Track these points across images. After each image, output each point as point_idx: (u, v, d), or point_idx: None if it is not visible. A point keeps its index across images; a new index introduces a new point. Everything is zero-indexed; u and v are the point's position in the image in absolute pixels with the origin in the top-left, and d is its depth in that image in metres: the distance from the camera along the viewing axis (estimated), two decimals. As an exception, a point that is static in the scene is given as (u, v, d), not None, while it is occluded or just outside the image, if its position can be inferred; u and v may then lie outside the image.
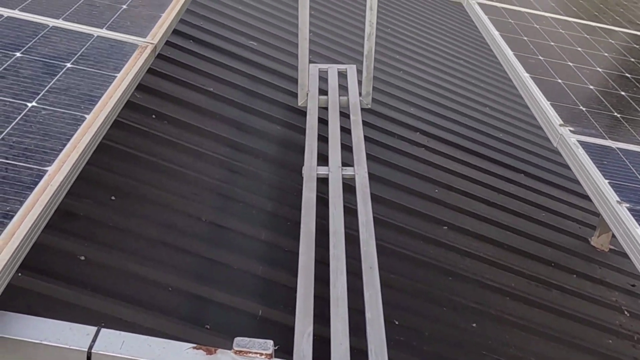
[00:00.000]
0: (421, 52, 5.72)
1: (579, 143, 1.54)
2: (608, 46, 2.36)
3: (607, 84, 1.99)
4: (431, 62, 5.51)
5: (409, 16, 6.60)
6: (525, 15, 2.48)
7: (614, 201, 1.33)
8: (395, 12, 6.49)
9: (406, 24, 6.32)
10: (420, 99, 4.70)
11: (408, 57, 5.45)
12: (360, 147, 2.88)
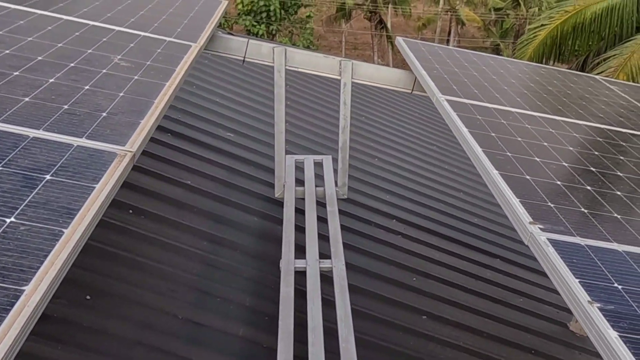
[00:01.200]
0: (396, 139, 5.87)
1: (549, 241, 1.58)
2: (573, 140, 2.46)
3: (573, 178, 2.07)
4: (406, 149, 5.64)
5: (383, 104, 6.80)
6: (492, 111, 2.58)
7: (586, 301, 1.35)
8: (370, 100, 6.69)
9: (382, 112, 6.51)
10: (396, 186, 4.78)
11: (383, 145, 5.58)
12: (337, 239, 2.90)
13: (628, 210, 1.91)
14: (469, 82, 3.00)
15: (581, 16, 13.18)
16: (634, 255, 1.63)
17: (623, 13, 12.88)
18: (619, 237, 1.72)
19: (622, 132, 2.74)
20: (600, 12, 13.02)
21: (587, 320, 1.32)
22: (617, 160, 2.35)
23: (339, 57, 3.32)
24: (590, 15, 13.12)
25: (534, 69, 3.63)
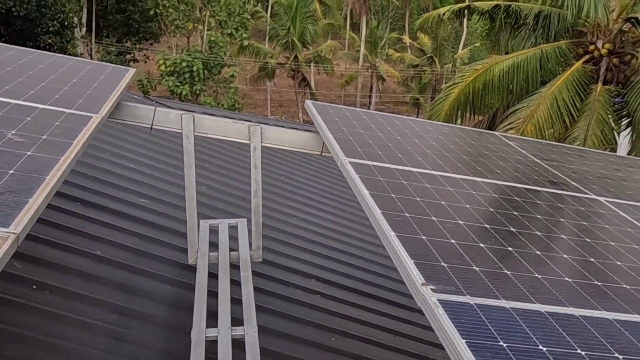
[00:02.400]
0: (316, 197, 5.93)
1: (439, 302, 1.63)
2: (470, 198, 2.56)
3: (467, 236, 2.15)
4: (325, 207, 5.70)
5: (302, 163, 6.88)
6: (394, 171, 2.67)
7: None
8: (287, 159, 6.75)
9: (301, 170, 6.58)
10: (315, 245, 4.80)
11: (303, 203, 5.62)
12: (250, 305, 2.87)
13: (518, 265, 2.00)
14: (374, 143, 3.09)
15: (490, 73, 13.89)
16: (520, 312, 1.69)
17: (528, 69, 13.65)
18: (508, 293, 1.79)
19: (517, 187, 2.88)
20: (507, 69, 13.76)
21: (471, 381, 1.36)
22: (510, 216, 2.46)
23: (247, 122, 3.37)
24: (499, 72, 13.84)
25: (437, 127, 3.79)
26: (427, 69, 31.62)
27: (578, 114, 12.57)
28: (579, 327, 1.68)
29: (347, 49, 36.90)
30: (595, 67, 12.82)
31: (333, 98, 35.86)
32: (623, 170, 3.70)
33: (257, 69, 31.08)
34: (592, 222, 2.61)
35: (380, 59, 32.95)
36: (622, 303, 1.89)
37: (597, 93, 12.38)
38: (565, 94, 12.59)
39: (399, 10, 40.22)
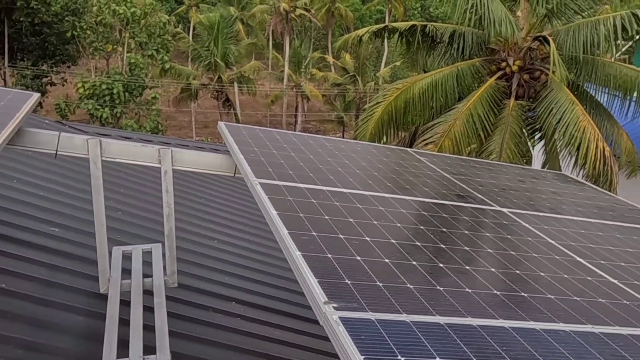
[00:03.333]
0: (236, 218, 5.88)
1: (340, 320, 1.65)
2: (378, 214, 2.61)
3: (373, 253, 2.18)
4: (245, 228, 5.66)
5: (222, 184, 6.82)
6: (304, 191, 2.68)
7: (368, 378, 1.41)
8: (207, 180, 6.68)
9: (220, 192, 6.52)
10: (236, 267, 4.76)
11: (223, 225, 5.56)
12: (163, 332, 2.81)
13: (420, 279, 2.04)
14: (286, 163, 3.10)
15: (411, 92, 14.24)
16: (420, 325, 1.73)
17: (446, 86, 14.08)
18: (409, 307, 1.82)
19: (425, 201, 2.95)
20: (426, 87, 14.15)
21: (368, 397, 1.37)
22: (417, 231, 2.52)
23: (157, 145, 3.32)
24: (418, 90, 14.21)
25: (351, 146, 3.85)
26: (351, 88, 32.14)
27: (493, 128, 13.05)
28: (476, 336, 1.74)
29: (271, 69, 37.04)
30: (507, 83, 13.37)
31: (259, 118, 35.85)
32: (527, 182, 3.86)
33: (180, 90, 30.73)
34: (495, 233, 2.70)
35: (305, 78, 33.26)
36: (518, 311, 1.96)
37: (510, 108, 12.91)
38: (480, 109, 13.06)
39: (322, 30, 40.79)
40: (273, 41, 37.55)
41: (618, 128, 13.44)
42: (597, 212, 3.48)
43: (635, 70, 13.11)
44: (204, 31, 30.32)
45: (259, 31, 37.32)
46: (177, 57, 35.26)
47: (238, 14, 37.34)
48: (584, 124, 11.48)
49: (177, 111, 34.62)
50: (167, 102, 32.48)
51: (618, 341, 1.89)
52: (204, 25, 29.90)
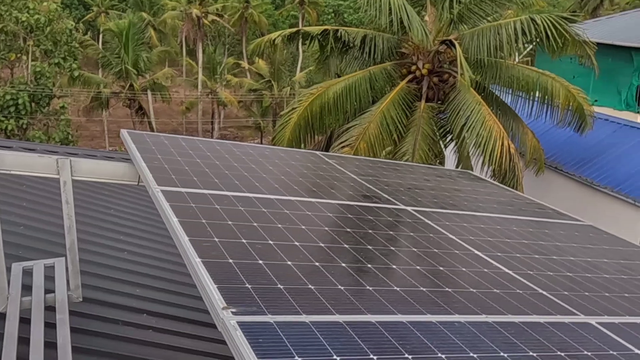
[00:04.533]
0: (148, 228, 5.74)
1: (238, 324, 1.63)
2: (283, 217, 2.61)
3: (275, 255, 2.18)
4: (156, 237, 5.53)
5: (131, 194, 6.64)
6: (208, 197, 2.65)
7: (263, 381, 1.41)
8: (117, 191, 6.50)
9: (129, 202, 6.35)
10: (147, 278, 4.63)
11: (134, 236, 5.41)
12: (65, 349, 2.70)
13: (322, 279, 2.06)
14: (191, 169, 3.06)
15: (325, 96, 14.37)
16: (320, 325, 1.74)
17: (359, 90, 14.30)
18: (309, 308, 1.83)
19: (331, 203, 2.98)
20: (340, 91, 14.32)
21: (263, 400, 1.37)
22: (321, 232, 2.54)
23: (55, 156, 3.19)
24: (333, 94, 14.36)
25: (259, 150, 3.84)
26: (267, 93, 32.10)
27: (406, 130, 13.37)
28: (374, 332, 1.77)
29: (185, 76, 36.44)
30: (418, 86, 13.72)
31: (175, 126, 35.18)
32: (432, 181, 3.98)
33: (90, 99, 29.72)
34: (398, 231, 2.76)
35: (220, 84, 32.95)
36: (416, 305, 2.01)
37: (421, 110, 13.25)
38: (392, 111, 13.34)
39: (235, 36, 40.53)
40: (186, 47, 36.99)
41: (523, 127, 14.06)
42: (496, 207, 3.62)
43: (536, 71, 13.76)
44: (114, 38, 29.46)
45: (171, 37, 36.65)
46: (87, 65, 34.09)
47: (149, 19, 36.54)
48: (490, 124, 11.93)
49: (88, 121, 33.46)
50: (77, 111, 31.35)
51: (510, 329, 1.97)
52: (113, 32, 29.05)
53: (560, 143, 14.28)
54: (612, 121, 14.13)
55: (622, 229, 6.62)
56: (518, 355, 1.80)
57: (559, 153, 14.30)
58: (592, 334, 2.07)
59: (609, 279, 2.69)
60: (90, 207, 5.70)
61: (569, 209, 4.12)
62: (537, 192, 10.11)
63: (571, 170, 13.64)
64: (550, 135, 14.58)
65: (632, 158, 12.83)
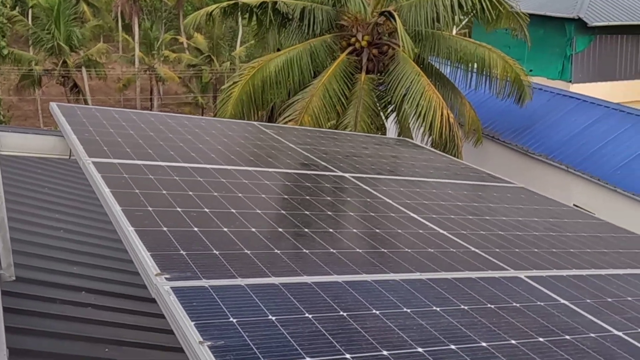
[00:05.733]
0: (84, 206, 5.60)
1: (172, 289, 1.62)
2: (219, 186, 2.59)
3: (211, 222, 2.16)
4: (95, 215, 5.41)
5: (66, 171, 6.46)
6: (141, 167, 2.60)
7: (196, 342, 1.40)
8: (50, 169, 6.31)
9: (66, 178, 6.18)
10: (85, 256, 4.54)
11: (70, 214, 5.28)
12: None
13: (257, 243, 2.06)
14: (124, 141, 2.99)
15: (266, 70, 14.22)
16: (255, 287, 1.75)
17: (301, 63, 14.21)
18: (245, 272, 1.83)
19: (268, 171, 2.97)
20: (282, 65, 14.20)
21: (195, 358, 1.37)
22: (258, 199, 2.53)
23: (-20, 130, 3.06)
24: (274, 68, 14.23)
25: (195, 121, 3.78)
26: (206, 68, 31.55)
27: (348, 102, 13.41)
28: (310, 293, 1.78)
29: (121, 52, 35.39)
30: (358, 58, 13.74)
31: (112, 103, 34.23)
32: (370, 148, 4.02)
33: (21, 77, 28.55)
34: (335, 197, 2.78)
35: (158, 60, 32.17)
36: (352, 266, 2.04)
37: (362, 82, 13.30)
38: (334, 84, 13.34)
39: (173, 10, 39.55)
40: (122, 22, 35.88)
41: (461, 98, 14.30)
42: (433, 172, 3.69)
43: (473, 43, 13.98)
44: (43, 14, 28.28)
45: (105, 12, 35.44)
46: (16, 42, 32.68)
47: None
48: (429, 94, 12.09)
49: (20, 100, 32.21)
50: (8, 90, 30.10)
51: (443, 285, 2.03)
52: (43, 7, 27.88)
53: (497, 113, 14.61)
54: (546, 90, 14.53)
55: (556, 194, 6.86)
56: (450, 309, 1.86)
57: (496, 123, 14.65)
58: (521, 287, 2.15)
59: (538, 236, 2.79)
60: (23, 185, 5.52)
61: (506, 177, 4.23)
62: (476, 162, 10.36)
63: (508, 139, 14.00)
64: (488, 105, 14.89)
65: (564, 126, 13.27)
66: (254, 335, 1.49)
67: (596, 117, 13.02)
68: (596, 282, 2.33)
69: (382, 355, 1.53)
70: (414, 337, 1.65)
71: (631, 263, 2.64)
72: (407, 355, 1.55)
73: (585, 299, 2.14)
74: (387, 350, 1.55)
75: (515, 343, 1.73)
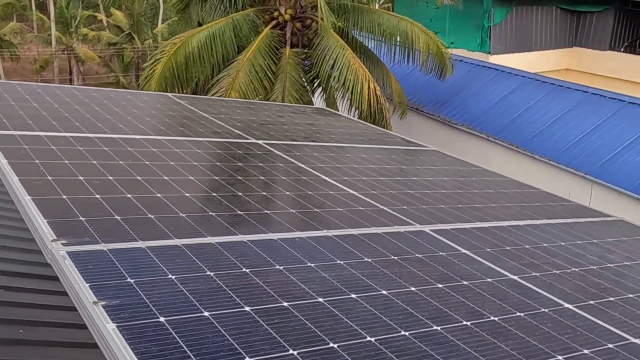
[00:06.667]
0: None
1: (68, 254, 1.58)
2: (125, 154, 2.53)
3: (114, 189, 2.12)
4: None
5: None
6: (43, 138, 2.51)
7: (90, 302, 1.38)
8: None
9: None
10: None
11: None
12: None
13: (163, 209, 2.04)
14: (26, 113, 2.88)
15: (189, 46, 13.90)
16: (155, 249, 1.73)
17: (224, 38, 13.97)
18: (147, 235, 1.81)
19: (179, 140, 2.93)
20: (204, 40, 13.90)
21: (89, 319, 1.35)
22: (167, 167, 2.50)
23: None
24: (197, 44, 13.92)
25: (104, 93, 3.68)
26: (128, 47, 30.59)
27: (274, 77, 13.32)
28: (214, 252, 1.78)
29: (36, 32, 33.82)
30: (282, 32, 13.63)
31: (30, 86, 32.69)
32: (286, 117, 4.01)
33: None
34: (247, 163, 2.78)
35: (76, 39, 30.93)
36: (259, 226, 2.04)
37: (287, 56, 13.23)
38: (260, 59, 13.20)
39: (91, -14, 37.97)
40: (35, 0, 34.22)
41: (387, 71, 14.45)
42: (348, 137, 3.73)
43: (396, 17, 14.11)
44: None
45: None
46: None
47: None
48: (355, 67, 12.15)
49: None
50: None
51: (349, 240, 2.07)
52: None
53: (420, 85, 14.86)
54: (466, 62, 14.87)
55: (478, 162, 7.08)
56: (353, 262, 1.90)
57: (420, 95, 14.90)
58: (425, 239, 2.21)
59: (445, 193, 2.87)
60: None
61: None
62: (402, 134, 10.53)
63: (431, 110, 14.28)
64: (411, 78, 15.12)
65: (484, 96, 13.64)
66: (151, 294, 1.48)
67: (514, 86, 13.44)
68: (497, 233, 2.43)
69: (282, 306, 1.55)
70: (315, 288, 1.68)
71: (532, 215, 2.77)
72: (308, 305, 1.58)
73: (485, 248, 2.23)
74: (288, 302, 1.57)
75: (415, 290, 1.78)
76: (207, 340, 1.33)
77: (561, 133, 11.64)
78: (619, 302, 1.98)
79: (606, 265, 2.31)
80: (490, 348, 1.54)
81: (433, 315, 1.65)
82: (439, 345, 1.50)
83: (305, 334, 1.44)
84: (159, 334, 1.31)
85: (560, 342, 1.64)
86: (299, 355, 1.34)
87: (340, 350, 1.39)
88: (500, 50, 16.92)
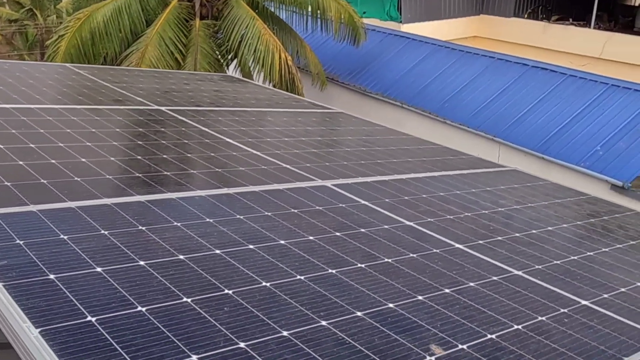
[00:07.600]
0: None
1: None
2: (18, 123, 2.45)
3: (5, 157, 2.05)
4: None
5: None
6: None
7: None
8: None
9: None
10: None
11: None
12: None
13: (56, 174, 1.99)
14: None
15: (94, 20, 13.36)
16: (47, 212, 1.70)
17: (131, 11, 13.50)
18: (39, 199, 1.77)
19: (78, 108, 2.85)
20: (110, 14, 13.40)
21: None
22: (63, 134, 2.43)
23: None
24: (102, 18, 13.40)
25: (16, 66, 3.51)
26: (30, 24, 29.12)
27: (186, 50, 13.02)
28: (109, 212, 1.76)
29: None
30: (190, 3, 13.33)
31: None
32: (192, 84, 3.97)
33: None
34: (149, 128, 2.74)
35: (-27, 16, 29.10)
36: (157, 186, 2.04)
37: (197, 28, 12.95)
38: (169, 32, 12.86)
39: (-14, -40, 35.61)
40: None
41: (301, 41, 14.42)
42: (254, 102, 3.73)
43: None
44: None
45: None
46: None
47: None
48: (266, 38, 12.05)
49: None
50: None
51: (250, 197, 2.09)
52: None
53: (335, 55, 14.93)
54: (378, 31, 15.05)
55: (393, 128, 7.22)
56: (253, 216, 1.92)
57: (335, 65, 14.98)
58: (326, 193, 2.27)
59: (349, 151, 2.94)
60: None
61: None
62: (315, 102, 10.56)
63: (346, 80, 14.41)
64: (326, 48, 15.16)
65: (396, 65, 13.87)
66: (41, 254, 1.46)
67: (424, 54, 13.73)
68: (397, 184, 2.52)
69: (178, 259, 1.56)
70: (213, 242, 1.70)
71: (431, 168, 2.88)
72: (204, 257, 1.60)
73: (384, 199, 2.32)
74: (184, 255, 1.59)
75: (313, 239, 1.84)
76: (98, 293, 1.33)
77: (470, 98, 12.02)
78: (506, 241, 2.11)
79: (497, 209, 2.44)
80: (383, 286, 1.61)
81: (329, 261, 1.71)
82: (333, 286, 1.56)
83: (200, 283, 1.46)
84: (47, 290, 1.30)
85: (448, 277, 1.73)
86: (192, 302, 1.36)
87: (235, 296, 1.43)
88: (411, 19, 17.21)
